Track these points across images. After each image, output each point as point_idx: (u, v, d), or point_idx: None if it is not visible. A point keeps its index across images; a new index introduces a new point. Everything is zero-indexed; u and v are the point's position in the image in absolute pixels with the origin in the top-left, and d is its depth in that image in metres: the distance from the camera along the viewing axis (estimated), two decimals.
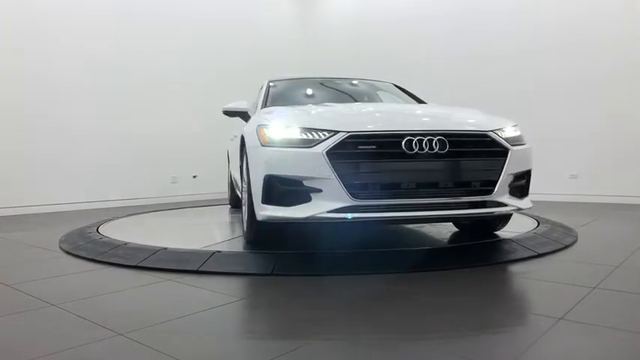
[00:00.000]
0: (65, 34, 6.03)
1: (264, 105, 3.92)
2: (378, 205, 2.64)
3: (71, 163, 6.00)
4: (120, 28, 6.53)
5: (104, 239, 3.41)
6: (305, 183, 2.66)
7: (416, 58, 7.63)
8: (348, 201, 2.59)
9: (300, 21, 9.06)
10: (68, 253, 3.23)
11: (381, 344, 1.60)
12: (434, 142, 2.65)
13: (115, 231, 3.83)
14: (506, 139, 2.87)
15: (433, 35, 7.59)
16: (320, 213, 2.62)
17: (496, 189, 2.76)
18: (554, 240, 3.29)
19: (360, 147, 2.64)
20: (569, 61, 6.46)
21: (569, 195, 6.40)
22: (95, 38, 6.28)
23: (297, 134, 2.73)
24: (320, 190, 2.64)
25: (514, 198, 2.93)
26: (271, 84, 4.36)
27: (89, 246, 3.27)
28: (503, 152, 2.82)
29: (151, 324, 1.83)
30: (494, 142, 2.81)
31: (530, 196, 3.12)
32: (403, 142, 2.62)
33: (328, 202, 2.62)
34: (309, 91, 4.36)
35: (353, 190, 2.60)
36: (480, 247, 3.10)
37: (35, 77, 5.78)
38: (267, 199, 2.77)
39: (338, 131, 2.66)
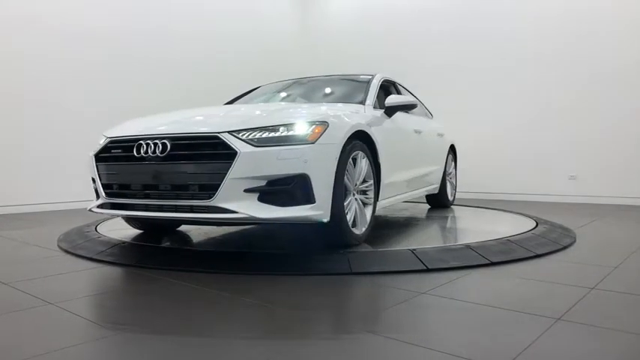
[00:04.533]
0: (63, 32, 6.02)
1: None
2: (119, 204, 2.95)
3: (70, 162, 5.99)
4: (120, 31, 6.53)
5: (102, 238, 3.40)
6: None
7: (422, 61, 7.63)
8: (103, 198, 3.03)
9: (303, 26, 9.09)
10: (66, 251, 3.23)
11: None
12: (157, 145, 2.76)
13: (113, 230, 3.83)
14: (249, 140, 2.63)
15: (438, 38, 7.59)
16: (94, 207, 3.11)
17: (218, 194, 2.59)
18: (553, 241, 3.29)
19: (113, 151, 3.01)
20: (569, 64, 6.47)
21: (568, 196, 6.42)
22: (95, 38, 6.28)
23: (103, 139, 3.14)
24: None
25: (269, 205, 2.62)
26: (256, 88, 4.65)
27: (88, 245, 3.26)
28: (232, 155, 2.60)
29: (151, 323, 1.83)
30: (221, 145, 2.64)
31: (315, 203, 2.65)
32: (135, 147, 2.84)
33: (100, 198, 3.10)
34: (269, 94, 4.44)
35: (105, 190, 3.01)
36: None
37: (33, 73, 5.77)
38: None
39: (107, 137, 3.08)
